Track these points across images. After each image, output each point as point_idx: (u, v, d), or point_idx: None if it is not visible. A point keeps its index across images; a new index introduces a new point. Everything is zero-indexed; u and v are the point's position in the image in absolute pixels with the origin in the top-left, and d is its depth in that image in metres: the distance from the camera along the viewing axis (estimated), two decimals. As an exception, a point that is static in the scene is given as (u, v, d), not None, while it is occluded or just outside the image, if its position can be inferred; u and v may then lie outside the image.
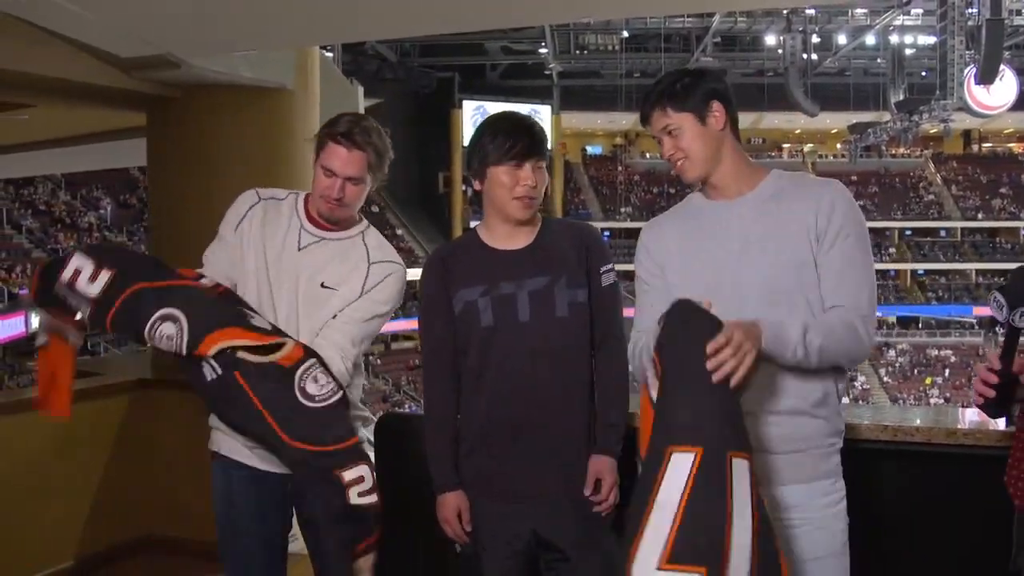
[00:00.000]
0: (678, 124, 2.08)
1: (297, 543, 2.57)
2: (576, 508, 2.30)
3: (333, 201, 2.40)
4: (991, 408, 1.83)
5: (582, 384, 2.34)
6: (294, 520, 2.56)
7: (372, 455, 3.01)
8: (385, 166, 2.46)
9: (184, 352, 2.25)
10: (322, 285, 2.44)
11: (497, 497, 2.33)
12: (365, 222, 2.56)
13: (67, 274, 2.30)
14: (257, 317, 2.35)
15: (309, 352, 2.31)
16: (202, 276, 2.43)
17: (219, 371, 2.26)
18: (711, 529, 1.70)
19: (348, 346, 2.42)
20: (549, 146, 2.52)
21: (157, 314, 2.26)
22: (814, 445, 2.03)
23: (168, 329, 2.25)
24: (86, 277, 2.29)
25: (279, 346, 2.28)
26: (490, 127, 2.33)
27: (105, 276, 2.29)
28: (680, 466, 1.73)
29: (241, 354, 2.25)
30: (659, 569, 1.69)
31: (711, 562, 1.68)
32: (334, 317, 2.43)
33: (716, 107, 2.09)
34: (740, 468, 1.74)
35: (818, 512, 2.01)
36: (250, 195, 2.53)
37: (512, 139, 2.28)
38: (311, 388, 2.26)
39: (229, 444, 2.47)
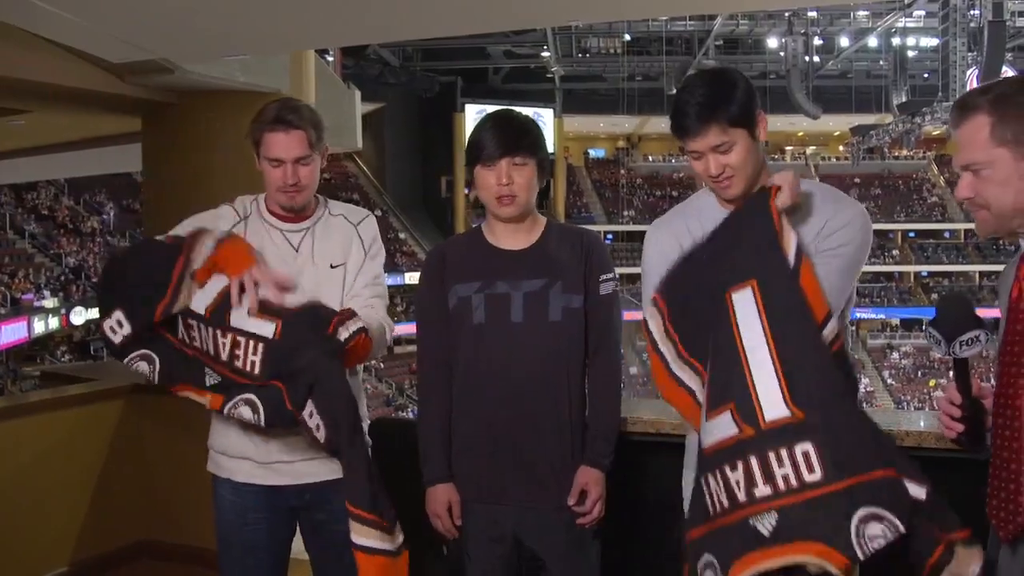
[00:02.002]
0: (733, 140, 1.96)
1: (296, 548, 2.57)
2: (559, 517, 2.29)
3: (291, 188, 2.39)
4: (965, 442, 1.77)
5: (572, 391, 2.32)
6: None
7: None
8: (324, 138, 2.46)
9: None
10: (331, 266, 2.47)
11: (482, 498, 2.32)
12: (322, 198, 2.57)
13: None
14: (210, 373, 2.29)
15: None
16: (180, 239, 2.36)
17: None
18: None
19: (384, 312, 2.49)
20: (551, 147, 2.51)
21: (135, 353, 2.31)
22: None
23: (143, 367, 2.31)
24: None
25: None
26: (474, 131, 2.34)
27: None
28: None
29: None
30: None
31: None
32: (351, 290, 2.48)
33: (762, 117, 2.01)
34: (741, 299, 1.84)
35: None
36: (229, 212, 2.51)
37: (486, 136, 2.28)
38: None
39: (253, 471, 2.45)
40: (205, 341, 2.26)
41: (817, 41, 32.69)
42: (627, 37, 35.78)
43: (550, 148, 2.42)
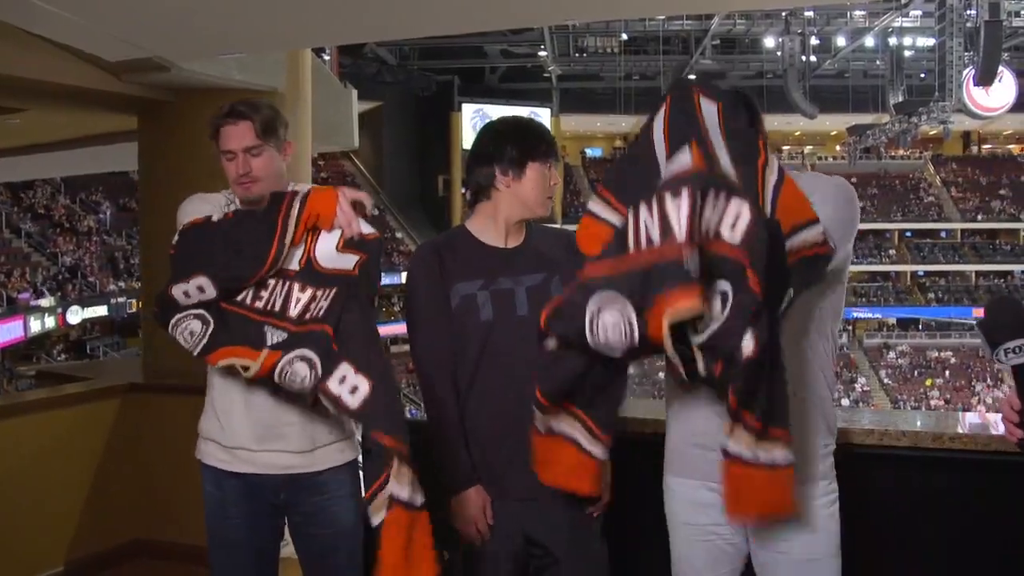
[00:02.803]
0: None
1: (288, 548, 2.56)
2: (567, 507, 2.29)
3: (244, 178, 2.38)
4: None
5: None
6: (285, 529, 2.56)
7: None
8: (280, 130, 2.43)
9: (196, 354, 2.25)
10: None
11: (492, 494, 2.32)
12: (298, 187, 2.46)
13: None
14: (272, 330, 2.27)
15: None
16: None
17: None
18: None
19: None
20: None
21: (190, 312, 2.26)
22: (809, 446, 2.02)
23: (195, 327, 2.24)
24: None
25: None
26: (523, 125, 2.38)
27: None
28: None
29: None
30: None
31: None
32: None
33: None
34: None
35: (814, 513, 2.01)
36: (221, 199, 2.49)
37: (546, 140, 2.37)
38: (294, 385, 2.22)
39: (218, 454, 2.44)
40: (277, 298, 2.25)
41: (814, 41, 32.69)
42: (624, 36, 35.76)
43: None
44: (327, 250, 2.25)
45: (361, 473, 2.36)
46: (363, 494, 2.23)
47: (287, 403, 2.34)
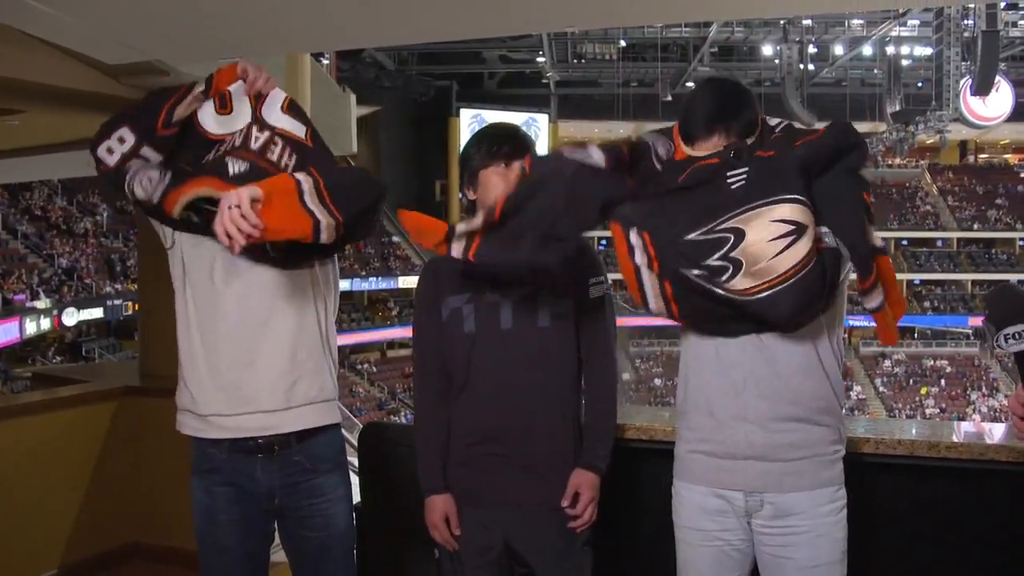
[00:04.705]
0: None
1: (279, 553, 2.56)
2: (551, 521, 2.29)
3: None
4: None
5: (566, 395, 2.33)
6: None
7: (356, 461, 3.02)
8: None
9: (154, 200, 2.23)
10: None
11: (474, 504, 2.33)
12: None
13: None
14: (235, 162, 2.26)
15: None
16: None
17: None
18: None
19: None
20: (546, 152, 2.55)
21: (140, 165, 2.26)
22: (818, 452, 2.04)
23: (152, 176, 2.23)
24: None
25: None
26: (476, 137, 2.40)
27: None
28: None
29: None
30: None
31: None
32: None
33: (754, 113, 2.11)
34: None
35: (821, 519, 2.03)
36: None
37: (498, 141, 2.33)
38: None
39: (193, 423, 2.39)
40: (236, 138, 2.27)
41: (812, 49, 32.79)
42: (622, 43, 35.85)
43: (544, 153, 2.46)
44: (271, 110, 2.31)
45: None
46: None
47: (255, 365, 2.32)
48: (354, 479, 3.06)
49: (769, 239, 1.89)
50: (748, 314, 1.95)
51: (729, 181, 1.97)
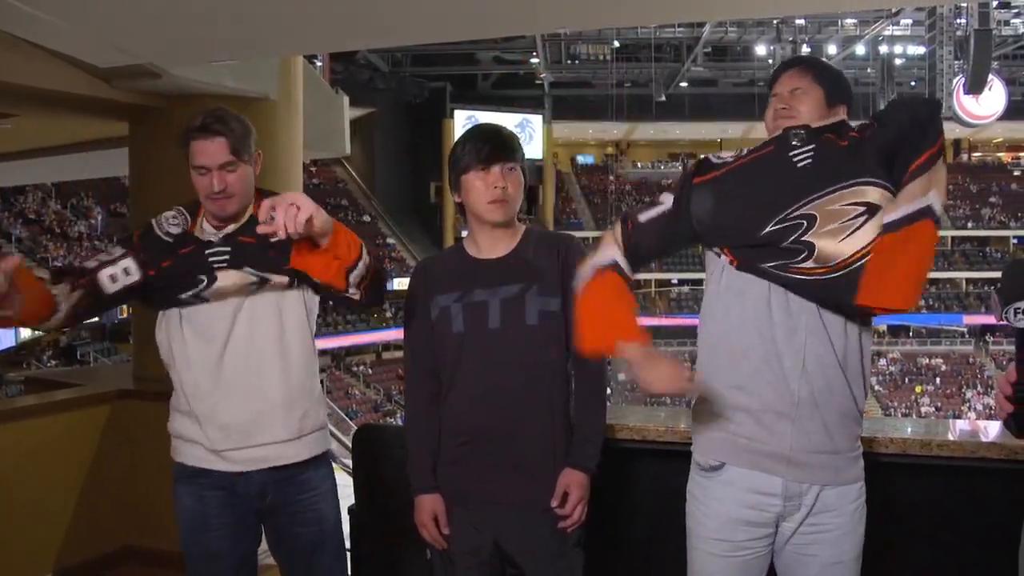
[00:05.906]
0: (806, 89, 2.14)
1: (266, 559, 2.57)
2: (542, 522, 2.30)
3: (218, 195, 2.37)
4: (1013, 425, 1.62)
5: (554, 394, 2.33)
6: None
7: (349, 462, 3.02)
8: (252, 145, 2.45)
9: None
10: None
11: (464, 504, 2.33)
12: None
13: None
14: None
15: None
16: None
17: None
18: None
19: None
20: (540, 153, 2.55)
21: None
22: (849, 447, 2.06)
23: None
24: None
25: None
26: (459, 141, 2.39)
27: None
28: None
29: None
30: None
31: None
32: None
33: (843, 110, 2.17)
34: None
35: (848, 516, 2.05)
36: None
37: (478, 145, 2.32)
38: None
39: (200, 454, 2.44)
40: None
41: (805, 49, 32.78)
42: (616, 44, 35.82)
43: (539, 154, 2.47)
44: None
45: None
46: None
47: (263, 399, 2.38)
48: (348, 480, 3.07)
49: (842, 221, 1.96)
50: (815, 295, 1.98)
51: (795, 160, 2.03)
